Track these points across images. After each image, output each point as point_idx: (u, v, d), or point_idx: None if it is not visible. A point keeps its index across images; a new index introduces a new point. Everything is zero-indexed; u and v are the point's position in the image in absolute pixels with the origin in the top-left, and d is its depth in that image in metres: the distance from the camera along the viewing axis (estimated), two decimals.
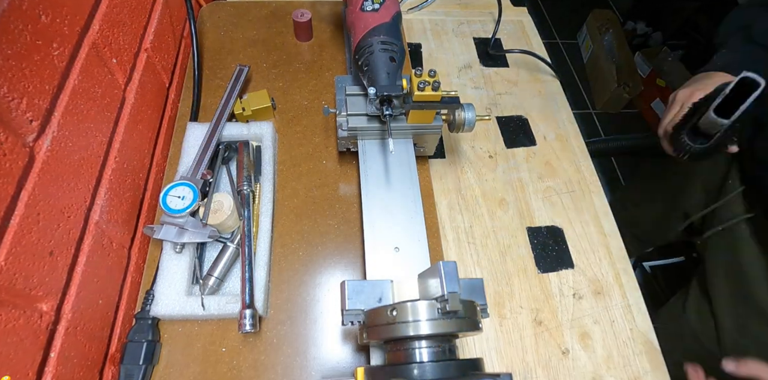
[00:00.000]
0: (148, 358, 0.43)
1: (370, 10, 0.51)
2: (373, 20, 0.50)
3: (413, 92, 0.45)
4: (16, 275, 0.31)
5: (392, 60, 0.48)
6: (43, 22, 0.34)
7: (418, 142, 0.54)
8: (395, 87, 0.45)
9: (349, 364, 0.46)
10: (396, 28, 0.51)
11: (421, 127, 0.51)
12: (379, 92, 0.45)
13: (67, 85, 0.37)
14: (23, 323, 0.32)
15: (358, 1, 0.52)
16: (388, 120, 0.46)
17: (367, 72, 0.48)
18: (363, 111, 0.51)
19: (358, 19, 0.51)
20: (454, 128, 0.53)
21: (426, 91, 0.45)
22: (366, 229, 0.47)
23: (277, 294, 0.49)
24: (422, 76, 0.45)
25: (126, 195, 0.47)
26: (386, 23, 0.50)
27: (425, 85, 0.45)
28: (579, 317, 0.52)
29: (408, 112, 0.49)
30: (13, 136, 0.31)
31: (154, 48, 0.55)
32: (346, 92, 0.53)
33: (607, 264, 0.56)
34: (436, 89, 0.45)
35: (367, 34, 0.49)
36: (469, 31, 0.77)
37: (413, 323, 0.32)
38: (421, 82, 0.45)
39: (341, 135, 0.51)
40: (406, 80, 0.46)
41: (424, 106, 0.47)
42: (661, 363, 0.50)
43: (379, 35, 0.49)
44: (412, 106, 0.47)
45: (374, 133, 0.52)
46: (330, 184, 0.57)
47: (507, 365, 0.48)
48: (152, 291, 0.46)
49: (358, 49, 0.50)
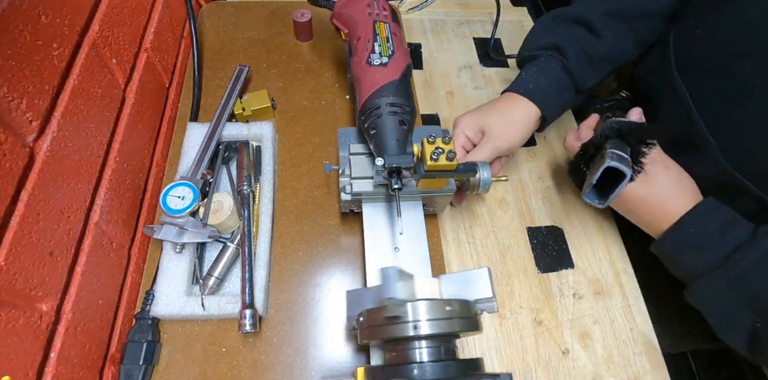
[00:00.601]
0: (148, 358, 0.43)
1: (377, 65, 0.46)
2: (380, 77, 0.46)
3: (425, 161, 0.40)
4: (16, 275, 0.31)
5: (402, 123, 0.44)
6: (43, 22, 0.34)
7: (428, 204, 0.50)
8: (405, 158, 0.41)
9: (349, 364, 0.46)
10: (406, 85, 0.47)
11: (432, 191, 0.47)
12: (388, 164, 0.40)
13: (67, 85, 0.37)
14: (23, 323, 0.32)
15: (363, 52, 0.48)
16: (397, 194, 0.42)
17: (374, 137, 0.44)
18: (369, 173, 0.46)
19: (364, 73, 0.47)
20: (468, 189, 0.49)
21: (440, 161, 0.39)
22: (366, 229, 0.47)
23: (277, 294, 0.49)
24: (435, 143, 0.40)
25: (126, 195, 0.47)
26: (395, 81, 0.45)
27: (439, 154, 0.39)
28: (579, 317, 0.52)
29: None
30: (13, 136, 0.31)
31: (154, 48, 0.55)
32: (350, 151, 0.48)
33: (607, 264, 0.56)
34: (451, 159, 0.39)
35: (374, 95, 0.45)
36: (469, 31, 0.77)
37: (413, 323, 0.32)
38: (435, 152, 0.39)
39: (345, 198, 0.47)
40: (417, 145, 0.42)
41: (436, 175, 0.42)
42: (661, 363, 0.50)
43: (388, 96, 0.44)
44: (424, 176, 0.41)
45: (381, 197, 0.48)
46: (330, 184, 0.57)
47: (507, 365, 0.48)
48: (152, 291, 0.46)
49: (364, 111, 0.46)
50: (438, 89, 0.69)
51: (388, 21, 0.51)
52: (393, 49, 0.48)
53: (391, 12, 0.52)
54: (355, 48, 0.50)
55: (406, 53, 0.49)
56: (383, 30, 0.49)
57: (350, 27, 0.52)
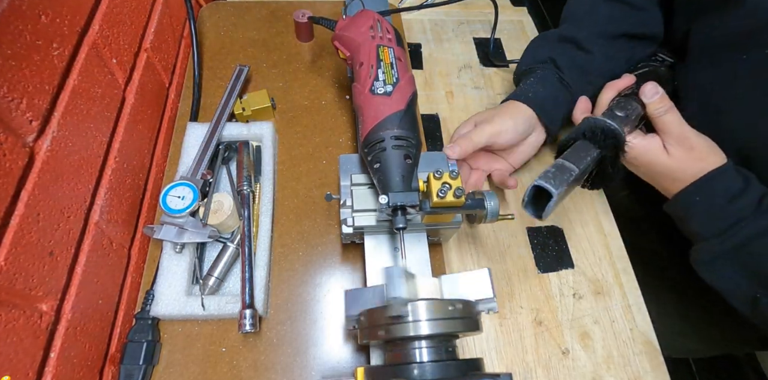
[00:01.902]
0: (148, 358, 0.43)
1: (381, 94, 0.44)
2: (384, 108, 0.43)
3: (432, 198, 0.38)
4: (16, 275, 0.31)
5: (407, 157, 0.42)
6: (43, 22, 0.34)
7: (433, 235, 0.48)
8: (411, 195, 0.39)
9: (349, 364, 0.46)
10: (412, 116, 0.44)
11: (438, 225, 0.46)
12: (393, 202, 0.39)
13: (67, 85, 0.37)
14: (23, 323, 0.32)
15: (366, 79, 0.45)
16: (401, 233, 0.40)
17: (377, 172, 0.42)
18: (371, 206, 0.44)
19: (368, 103, 0.45)
20: (475, 221, 0.47)
21: (448, 198, 0.38)
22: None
23: (277, 294, 0.49)
24: (442, 178, 0.38)
25: (126, 195, 0.47)
26: (400, 112, 0.43)
27: (447, 191, 0.38)
28: (579, 317, 0.52)
29: None
30: (13, 136, 0.31)
31: (154, 48, 0.55)
32: (352, 181, 0.46)
33: (607, 264, 0.56)
34: (458, 196, 0.38)
35: (377, 127, 0.43)
36: (469, 31, 0.77)
37: (413, 323, 0.32)
38: (442, 190, 0.38)
39: (346, 231, 0.45)
40: (422, 181, 0.40)
41: (442, 211, 0.40)
42: (661, 363, 0.50)
43: (392, 128, 0.42)
44: (430, 212, 0.40)
45: (383, 230, 0.46)
46: (330, 184, 0.57)
47: (507, 365, 0.48)
48: (152, 291, 0.46)
49: (367, 143, 0.43)
50: (438, 89, 0.69)
51: (393, 45, 0.48)
52: (397, 76, 0.45)
53: (396, 34, 0.50)
54: (358, 74, 0.47)
55: (412, 80, 0.47)
56: (387, 55, 0.47)
57: (352, 51, 0.50)
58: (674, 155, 0.46)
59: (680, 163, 0.46)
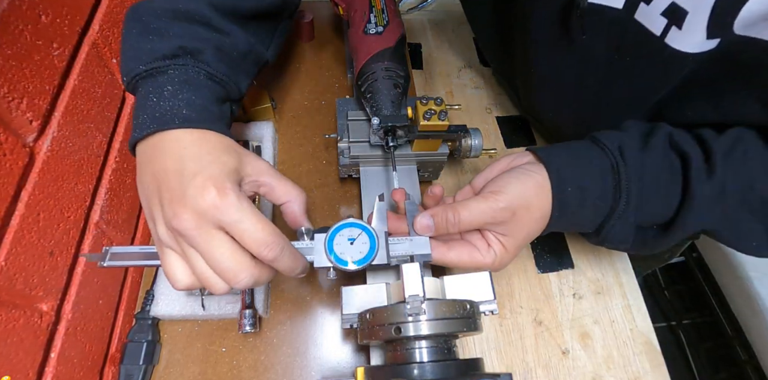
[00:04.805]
0: (148, 358, 0.43)
1: (373, 34, 0.49)
2: (376, 45, 0.48)
3: (418, 122, 0.43)
4: (16, 275, 0.31)
5: (396, 87, 0.46)
6: (43, 22, 0.34)
7: (423, 168, 0.53)
8: (400, 117, 0.44)
9: (349, 364, 0.46)
10: (401, 52, 0.49)
11: (426, 155, 0.50)
12: (383, 122, 0.43)
13: (67, 85, 0.37)
14: (23, 323, 0.32)
15: (360, 23, 0.51)
16: (392, 151, 0.45)
17: (370, 99, 0.46)
18: (366, 138, 0.49)
19: (361, 42, 0.49)
20: (460, 155, 0.51)
21: (432, 121, 0.43)
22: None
23: (277, 294, 0.49)
24: (428, 105, 0.43)
25: (126, 195, 0.47)
26: (390, 48, 0.48)
27: (432, 115, 0.42)
28: (579, 317, 0.52)
29: (413, 140, 0.48)
30: (13, 136, 0.31)
31: None
32: (348, 117, 0.51)
33: (607, 264, 0.56)
34: (442, 119, 0.43)
35: (370, 60, 0.47)
36: (469, 31, 0.77)
37: (413, 323, 0.32)
38: (428, 112, 0.42)
39: (343, 162, 0.50)
40: (411, 108, 0.45)
41: (429, 135, 0.45)
42: (661, 363, 0.50)
43: (383, 61, 0.47)
44: (418, 136, 0.45)
45: (377, 161, 0.50)
46: (330, 183, 0.57)
47: (507, 365, 0.48)
48: (152, 291, 0.46)
49: (361, 75, 0.48)
50: (438, 89, 0.69)
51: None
52: (388, 19, 0.50)
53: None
54: (352, 20, 0.52)
55: (401, 23, 0.52)
56: (378, 2, 0.52)
57: (347, 2, 0.55)
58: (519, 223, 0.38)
59: (520, 229, 0.38)
